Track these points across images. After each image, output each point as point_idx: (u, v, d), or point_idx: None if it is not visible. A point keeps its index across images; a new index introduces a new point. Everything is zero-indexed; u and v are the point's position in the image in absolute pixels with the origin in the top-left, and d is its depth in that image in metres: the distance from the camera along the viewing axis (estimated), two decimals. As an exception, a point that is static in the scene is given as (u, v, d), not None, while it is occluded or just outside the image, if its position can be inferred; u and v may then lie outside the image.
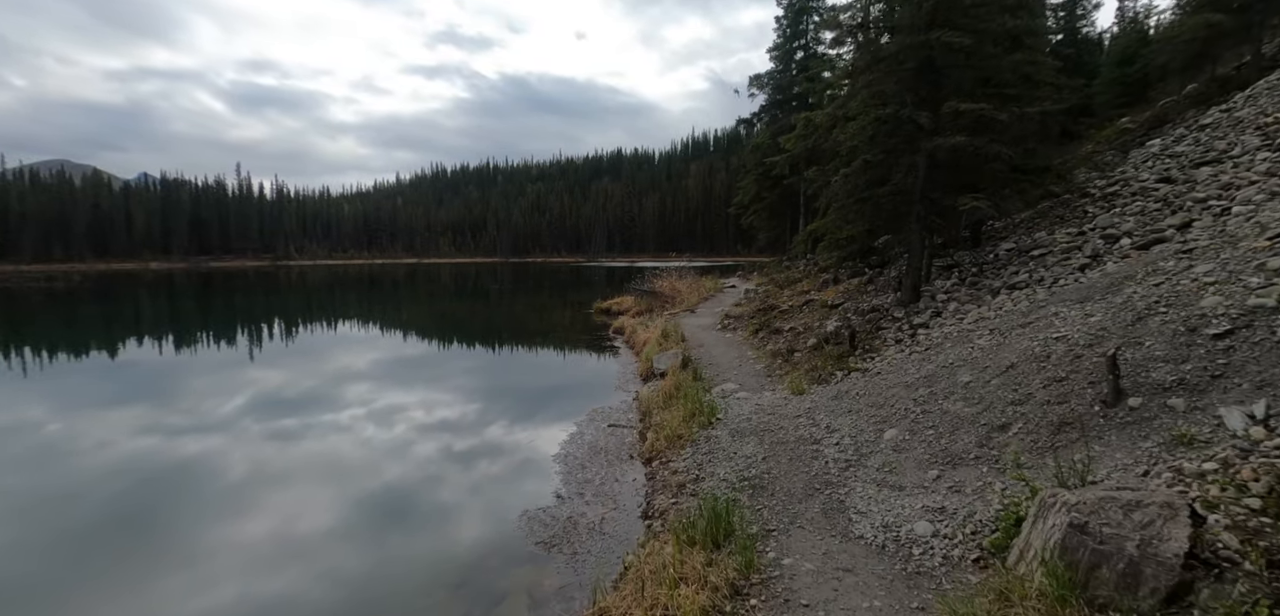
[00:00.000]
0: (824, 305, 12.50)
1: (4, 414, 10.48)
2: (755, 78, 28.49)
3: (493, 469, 7.59)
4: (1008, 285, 8.86)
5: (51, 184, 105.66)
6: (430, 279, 55.61)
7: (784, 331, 11.48)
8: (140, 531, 6.10)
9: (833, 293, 13.77)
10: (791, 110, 26.80)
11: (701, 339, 12.57)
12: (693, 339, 12.54)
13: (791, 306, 13.40)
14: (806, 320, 11.99)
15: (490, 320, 24.53)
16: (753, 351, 10.82)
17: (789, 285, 17.17)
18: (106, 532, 6.05)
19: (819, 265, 17.26)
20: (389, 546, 5.68)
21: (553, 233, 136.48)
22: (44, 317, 25.40)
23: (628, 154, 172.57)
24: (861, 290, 13.10)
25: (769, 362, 9.75)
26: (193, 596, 4.80)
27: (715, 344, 12.01)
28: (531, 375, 13.20)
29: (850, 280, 14.24)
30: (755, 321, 12.89)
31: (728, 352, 11.01)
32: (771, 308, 13.90)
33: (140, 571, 5.34)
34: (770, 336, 11.47)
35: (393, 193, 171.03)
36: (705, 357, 10.63)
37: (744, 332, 12.66)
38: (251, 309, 29.09)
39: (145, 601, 4.86)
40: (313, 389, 12.14)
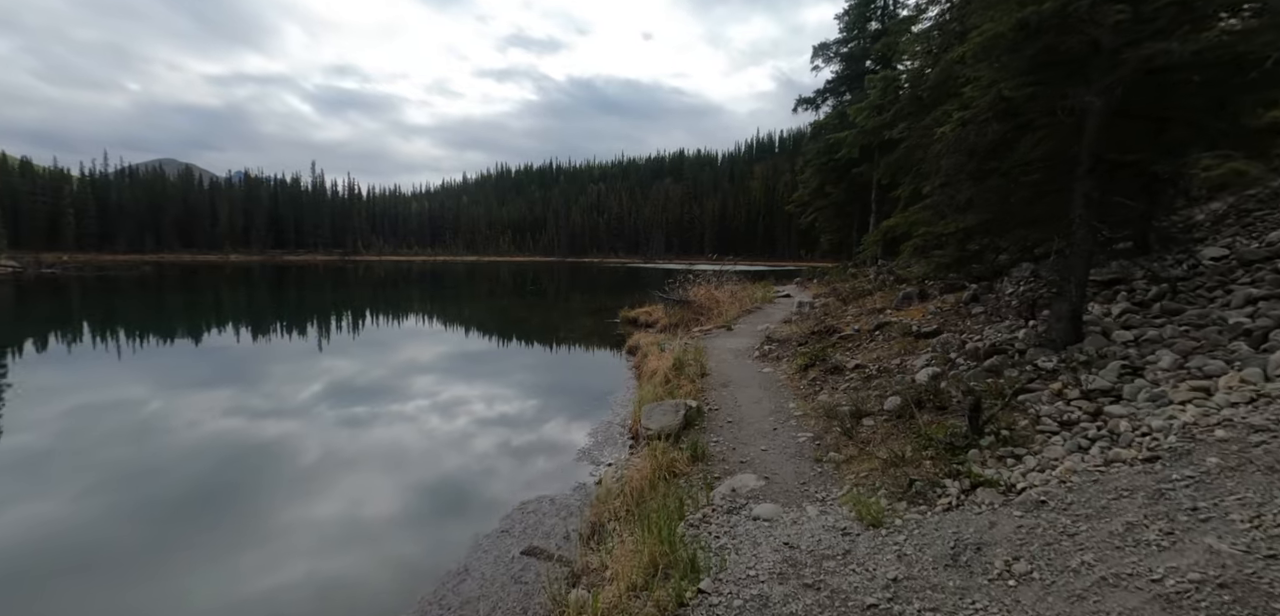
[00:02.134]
0: (907, 333, 8.72)
1: (104, 392, 11.29)
2: (821, 47, 24.37)
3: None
4: (1249, 329, 4.93)
5: (146, 180, 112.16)
6: (487, 276, 55.88)
7: (846, 371, 7.79)
8: (221, 506, 6.39)
9: (918, 313, 9.91)
10: (865, 88, 22.68)
11: (728, 374, 9.00)
12: (717, 373, 9.01)
13: (859, 331, 9.66)
14: (880, 355, 8.24)
15: (502, 326, 21.76)
16: (797, 403, 7.18)
17: (855, 299, 13.32)
18: (191, 505, 6.37)
19: (895, 274, 13.32)
20: (441, 532, 5.64)
21: (610, 233, 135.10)
22: (136, 303, 28.10)
23: (690, 155, 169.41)
24: (961, 312, 9.20)
25: (819, 429, 6.09)
26: (265, 572, 4.98)
27: (746, 383, 8.42)
28: (481, 435, 8.51)
29: (942, 296, 10.34)
30: (806, 352, 9.19)
31: (760, 402, 7.41)
32: (829, 331, 10.19)
33: (220, 544, 5.51)
34: (825, 377, 7.80)
35: (458, 191, 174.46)
36: (726, 410, 7.12)
37: (789, 367, 9.01)
38: (322, 301, 31.21)
39: (223, 571, 4.98)
40: (379, 379, 12.53)
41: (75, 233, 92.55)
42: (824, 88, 25.98)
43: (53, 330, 18.68)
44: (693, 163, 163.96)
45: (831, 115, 25.02)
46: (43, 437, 8.30)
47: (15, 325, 20.31)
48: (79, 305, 26.56)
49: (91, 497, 6.45)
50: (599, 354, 14.77)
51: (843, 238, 31.77)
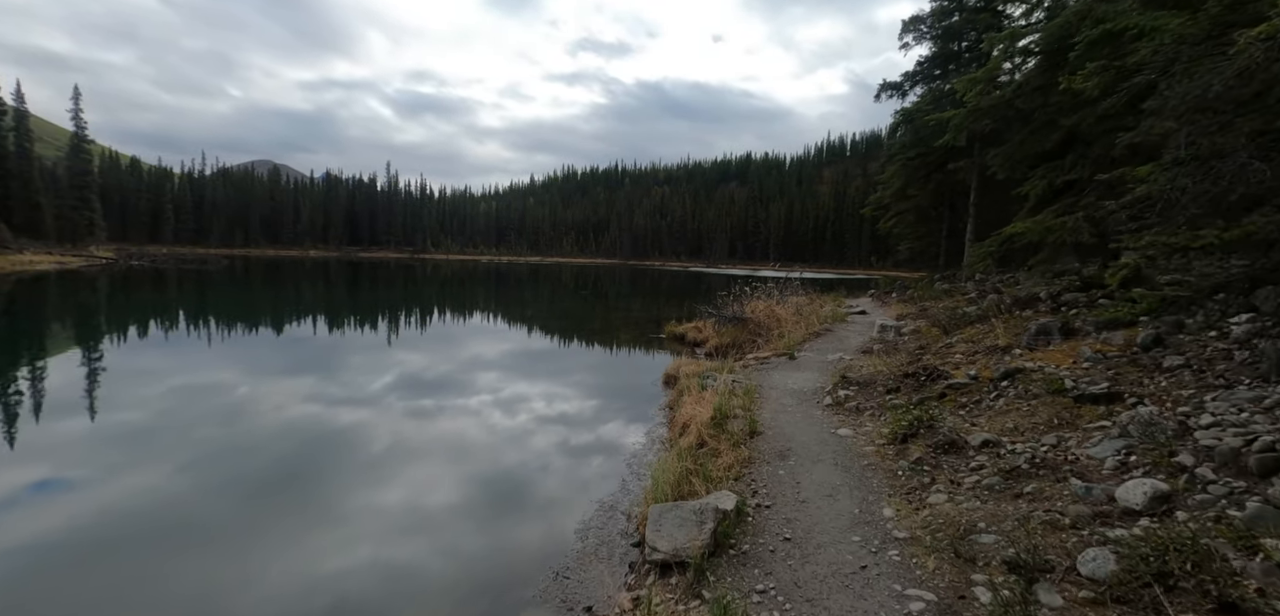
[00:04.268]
0: (1056, 390, 5.88)
1: (198, 376, 12.09)
2: (912, 22, 21.08)
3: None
4: None
5: (238, 179, 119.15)
6: (548, 277, 56.53)
7: (969, 452, 5.12)
8: (298, 487, 6.72)
9: (1065, 357, 6.99)
10: (962, 68, 19.33)
11: (789, 435, 6.43)
12: (773, 432, 6.47)
13: (977, 378, 6.86)
14: (1020, 424, 5.47)
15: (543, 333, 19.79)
16: (897, 508, 4.49)
17: (958, 326, 10.38)
18: (272, 485, 6.71)
19: (1019, 297, 10.29)
20: (499, 528, 5.73)
21: (673, 236, 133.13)
22: (226, 293, 31.19)
23: (757, 158, 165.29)
24: (1139, 361, 6.28)
25: (945, 586, 3.48)
26: (334, 554, 5.15)
27: (814, 453, 5.84)
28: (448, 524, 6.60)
29: (1100, 335, 7.37)
30: (902, 410, 6.52)
31: (837, 498, 4.81)
32: (931, 374, 7.43)
33: (296, 523, 5.81)
34: (935, 458, 5.15)
35: (525, 193, 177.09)
36: (782, 510, 4.60)
37: (875, 429, 6.37)
38: (392, 296, 32.86)
39: (298, 550, 5.28)
40: (446, 373, 13.02)
41: (174, 226, 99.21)
42: (914, 70, 22.64)
43: (146, 318, 20.54)
44: (759, 166, 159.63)
45: (925, 98, 21.66)
46: (146, 416, 9.12)
47: (116, 313, 21.97)
48: (158, 294, 28.99)
49: (187, 473, 6.98)
50: (631, 379, 12.41)
51: (925, 246, 28.28)
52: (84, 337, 16.67)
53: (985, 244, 10.78)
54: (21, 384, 11.16)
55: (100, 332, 17.55)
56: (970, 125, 12.50)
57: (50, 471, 6.83)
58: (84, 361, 13.51)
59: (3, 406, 9.54)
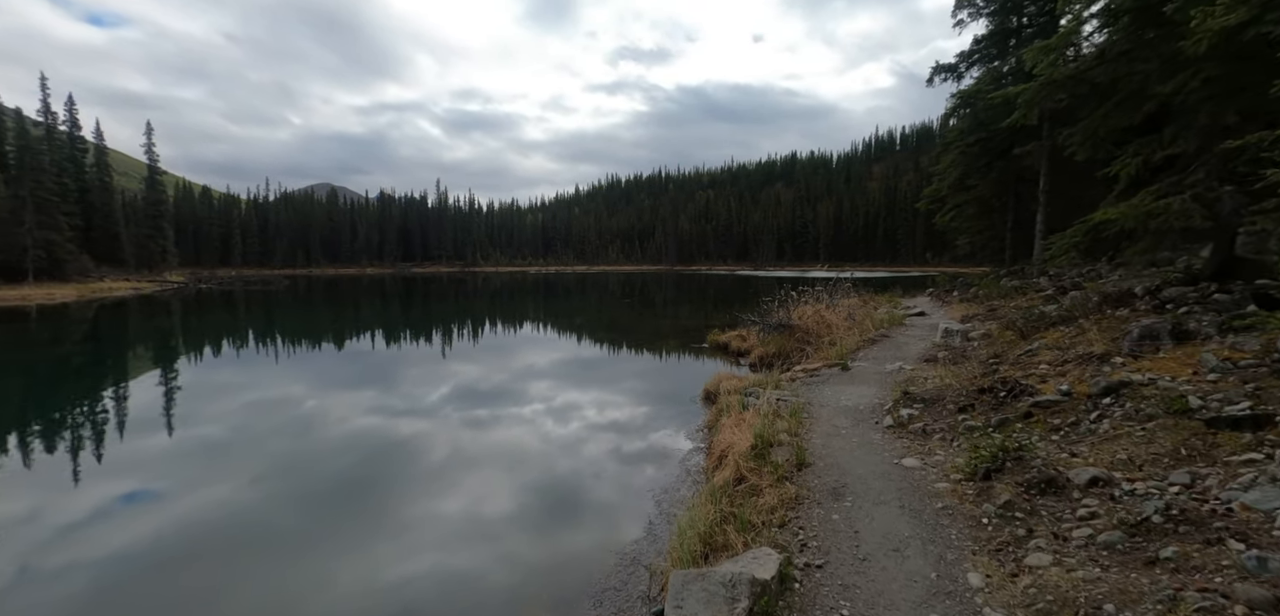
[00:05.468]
0: (1179, 409, 4.75)
1: (267, 391, 13.00)
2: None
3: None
4: None
5: (298, 202, 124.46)
6: (595, 286, 57.32)
7: (1072, 492, 4.10)
8: (361, 497, 6.95)
9: (1183, 366, 5.79)
10: (1023, 44, 17.69)
11: (843, 467, 5.48)
12: (824, 464, 5.53)
13: (1071, 393, 5.72)
14: (1135, 454, 4.35)
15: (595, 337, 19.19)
16: (984, 572, 3.50)
17: (1036, 328, 9.09)
18: (337, 495, 7.05)
19: (1108, 293, 8.96)
20: (554, 537, 5.81)
21: (719, 240, 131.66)
22: (290, 312, 33.38)
23: (802, 158, 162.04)
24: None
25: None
26: (397, 562, 5.33)
27: (874, 491, 4.86)
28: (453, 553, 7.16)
29: (1224, 339, 6.13)
30: (978, 436, 5.50)
31: (906, 555, 3.85)
32: (1010, 388, 6.31)
33: (360, 532, 5.97)
34: (1028, 500, 4.14)
35: (570, 203, 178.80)
36: (837, 571, 3.66)
37: (947, 457, 5.36)
38: (445, 310, 34.47)
39: (362, 558, 5.40)
40: (501, 383, 13.25)
41: (241, 250, 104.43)
42: (970, 49, 21.02)
43: (217, 337, 22.05)
44: (805, 165, 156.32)
45: (984, 78, 20.04)
46: (222, 431, 9.72)
47: (189, 334, 23.65)
48: (227, 315, 31.01)
49: (261, 484, 7.36)
50: (670, 395, 11.57)
51: (987, 239, 26.41)
52: (161, 358, 18.10)
53: (1068, 234, 9.44)
54: (108, 402, 12.16)
55: (175, 353, 19.11)
56: (1043, 100, 11.10)
57: (138, 484, 7.42)
58: (162, 380, 14.61)
59: (93, 423, 10.30)
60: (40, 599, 4.86)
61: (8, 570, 5.28)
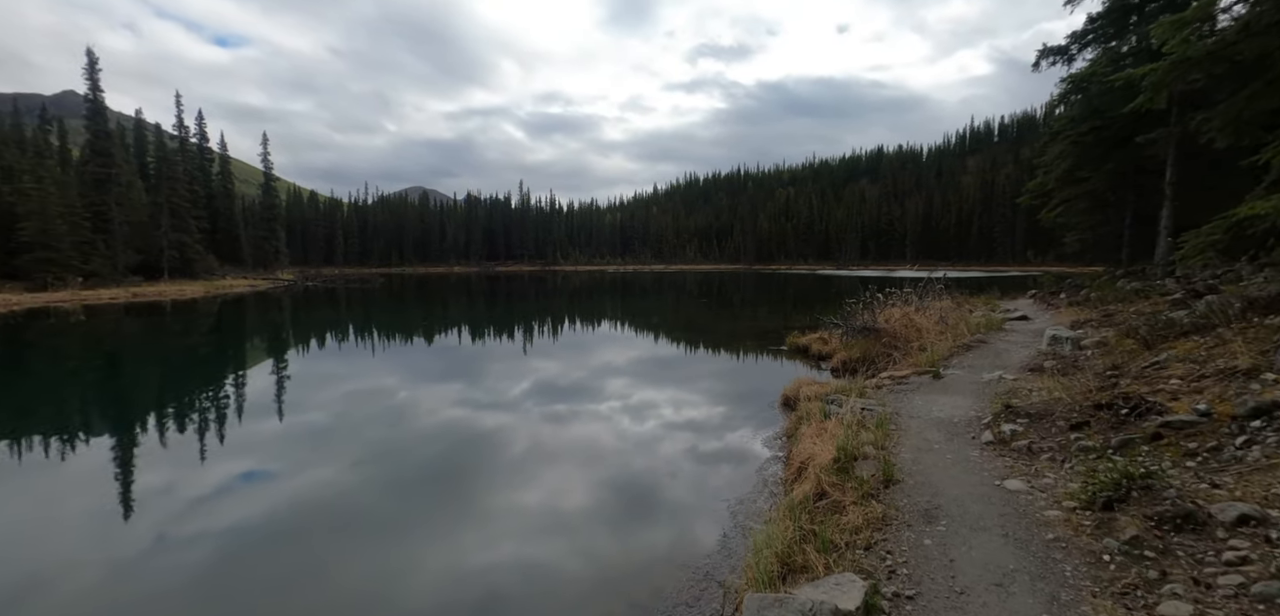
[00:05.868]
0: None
1: (365, 382, 13.96)
2: (1080, -26, 17.89)
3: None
4: None
5: (393, 205, 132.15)
6: (672, 285, 57.39)
7: (1215, 531, 3.57)
8: (449, 485, 7.41)
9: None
10: (1145, 21, 15.94)
11: (936, 486, 5.04)
12: (915, 482, 5.12)
13: (1211, 414, 5.00)
14: (1292, 483, 3.76)
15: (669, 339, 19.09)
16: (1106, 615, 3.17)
17: (1164, 337, 8.09)
18: (427, 482, 7.45)
19: (1254, 298, 7.88)
20: (628, 534, 5.92)
21: (799, 238, 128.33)
22: (385, 308, 35.47)
23: (889, 152, 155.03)
24: None
25: None
26: (481, 549, 5.60)
27: (973, 517, 4.42)
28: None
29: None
30: (1098, 461, 4.92)
31: (1009, 591, 3.45)
32: (1133, 405, 5.61)
33: (447, 519, 6.37)
34: (1161, 538, 3.64)
35: (648, 202, 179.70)
36: (929, 602, 3.38)
37: (1057, 480, 4.84)
38: (526, 307, 35.75)
39: (449, 545, 5.74)
40: (579, 380, 13.54)
41: (342, 250, 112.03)
42: (1084, 29, 19.21)
43: (322, 331, 24.05)
44: (892, 160, 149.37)
45: (1100, 60, 18.26)
46: (325, 417, 10.62)
47: (298, 327, 25.97)
48: (330, 310, 33.52)
49: (358, 468, 7.82)
50: (747, 400, 11.26)
51: (1100, 236, 24.17)
52: (274, 349, 19.83)
53: (1206, 231, 8.36)
54: (230, 388, 13.51)
55: (286, 344, 20.92)
56: (1174, 82, 9.81)
57: (255, 463, 8.08)
58: (275, 369, 15.94)
59: (217, 407, 11.55)
60: (173, 562, 5.42)
61: (148, 536, 5.96)
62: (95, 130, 48.13)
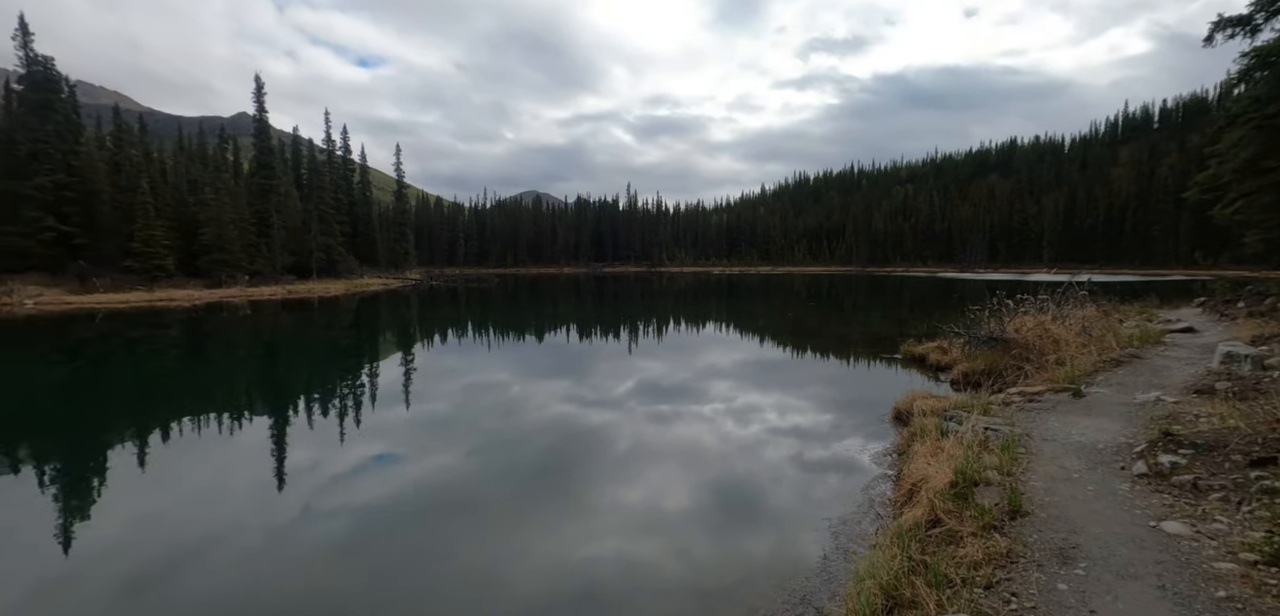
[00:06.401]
0: None
1: (482, 375, 14.81)
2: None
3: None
4: None
5: (509, 209, 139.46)
6: (779, 287, 56.73)
7: None
8: (556, 478, 7.64)
9: None
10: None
11: (1073, 523, 4.48)
12: (1048, 515, 4.57)
13: None
14: None
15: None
16: None
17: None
18: (535, 473, 7.76)
19: None
20: (729, 538, 5.88)
21: (918, 239, 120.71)
22: (500, 306, 37.76)
23: (1024, 143, 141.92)
24: None
25: None
26: (585, 542, 5.79)
27: (1116, 566, 3.82)
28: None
29: None
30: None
31: None
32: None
33: (553, 510, 6.62)
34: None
35: (756, 203, 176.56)
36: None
37: (1235, 536, 4.15)
38: (633, 308, 36.51)
39: (556, 535, 5.94)
40: (683, 381, 13.64)
41: (463, 251, 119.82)
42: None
43: (444, 327, 26.11)
44: (1027, 152, 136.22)
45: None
46: (446, 408, 11.43)
47: (424, 323, 28.05)
48: (451, 308, 36.06)
49: (475, 457, 8.45)
50: (856, 410, 10.70)
51: (1294, 235, 20.56)
52: (403, 342, 21.81)
53: None
54: (365, 377, 15.04)
55: (412, 338, 22.81)
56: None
57: (385, 447, 8.87)
58: (402, 361, 17.56)
59: (354, 394, 12.91)
60: (318, 532, 6.10)
61: (297, 507, 6.74)
62: (260, 147, 54.92)
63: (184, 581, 5.15)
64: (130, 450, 9.09)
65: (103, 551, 5.75)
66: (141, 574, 5.29)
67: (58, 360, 17.66)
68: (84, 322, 26.47)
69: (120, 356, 18.51)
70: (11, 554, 5.80)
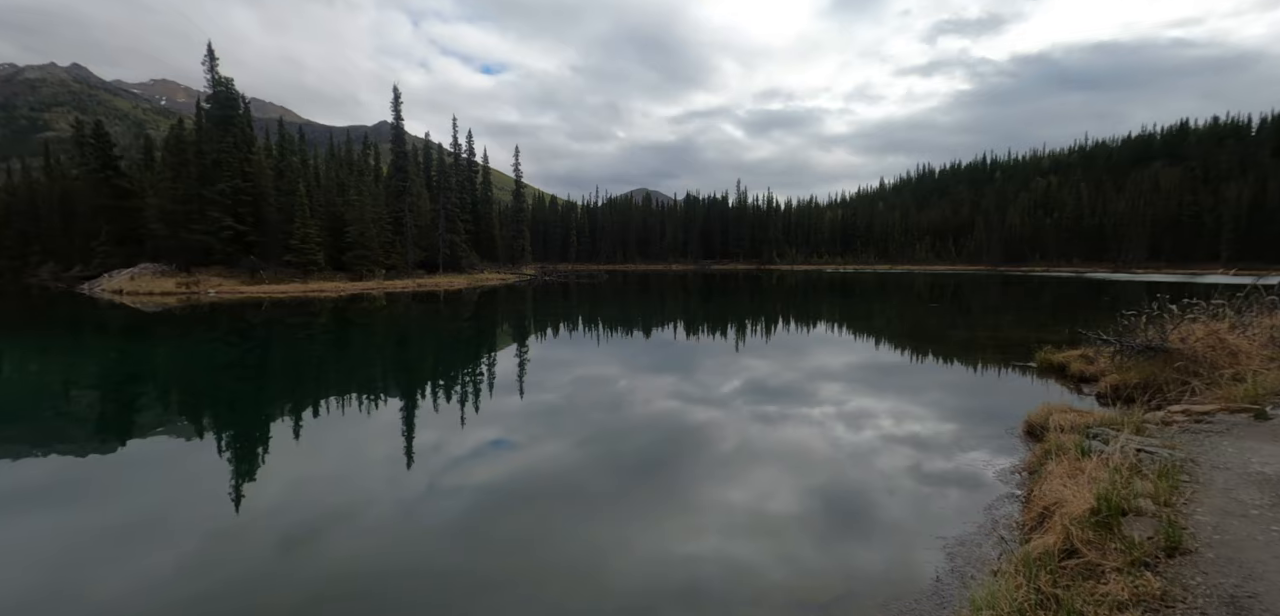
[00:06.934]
0: None
1: (591, 368, 15.44)
2: None
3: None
4: None
5: (619, 206, 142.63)
6: (897, 286, 54.52)
7: None
8: (660, 473, 7.71)
9: None
10: None
11: (1247, 568, 3.84)
12: (1216, 556, 3.97)
13: None
14: None
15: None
16: None
17: None
18: (639, 467, 7.95)
19: None
20: (835, 547, 5.69)
21: (1063, 235, 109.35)
22: (610, 302, 38.69)
23: (1198, 125, 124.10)
24: None
25: None
26: (686, 538, 5.80)
27: None
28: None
29: None
30: None
31: None
32: None
33: (656, 504, 6.69)
34: None
35: (873, 198, 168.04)
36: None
37: None
38: (740, 306, 36.04)
39: (658, 530, 6.02)
40: (790, 381, 13.33)
41: (576, 248, 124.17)
42: None
43: (557, 320, 27.12)
44: (1202, 136, 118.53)
45: None
46: (557, 398, 11.92)
47: (539, 316, 29.38)
48: (563, 302, 37.32)
49: (582, 447, 8.71)
50: (981, 419, 9.85)
51: None
52: (518, 333, 23.13)
53: None
54: (484, 366, 16.10)
55: (527, 330, 24.03)
56: None
57: (500, 432, 9.40)
58: (518, 352, 18.62)
59: (474, 381, 13.85)
60: (439, 508, 6.62)
61: (423, 484, 7.34)
62: (397, 152, 60.05)
63: (327, 542, 5.81)
64: (287, 422, 10.35)
65: (264, 509, 6.63)
66: (293, 533, 6.02)
67: (234, 342, 20.44)
68: (252, 309, 30.49)
69: (281, 340, 21.09)
70: (194, 505, 6.82)
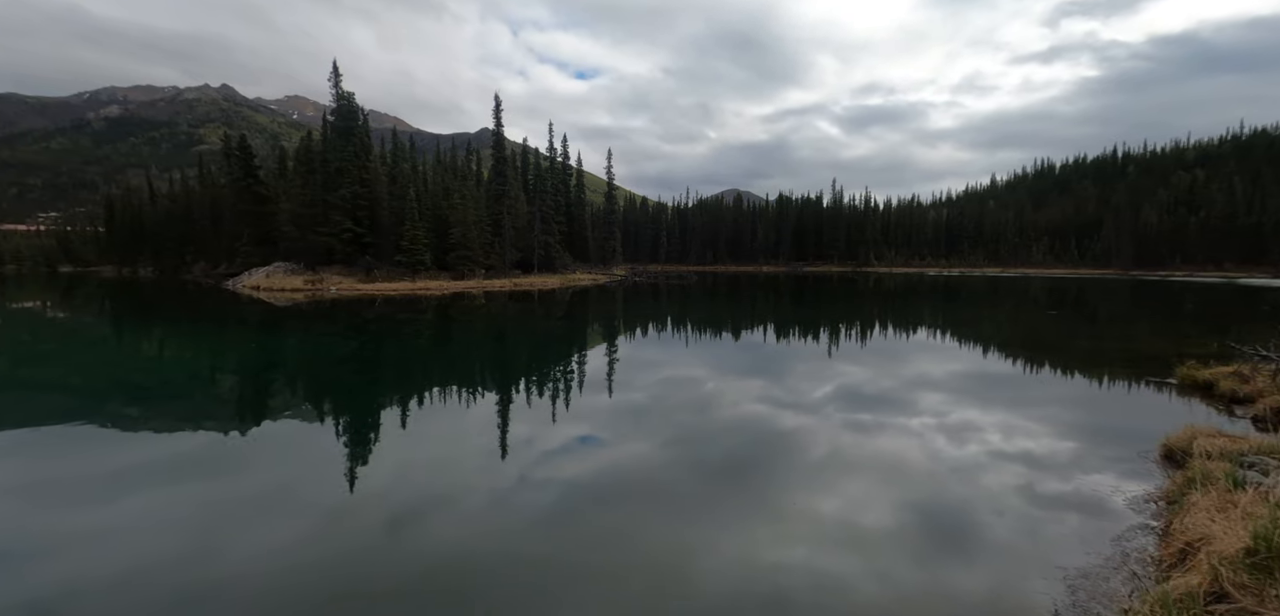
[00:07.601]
0: None
1: (679, 370, 15.33)
2: None
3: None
4: None
5: (709, 207, 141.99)
6: (1010, 291, 51.55)
7: None
8: (747, 478, 7.50)
9: None
10: None
11: None
12: None
13: None
14: None
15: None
16: None
17: None
18: (725, 470, 7.83)
19: None
20: (935, 568, 5.29)
21: (1208, 236, 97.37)
22: (700, 303, 38.79)
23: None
24: None
25: None
26: (773, 546, 5.64)
27: None
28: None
29: None
30: None
31: None
32: None
33: (741, 509, 6.55)
34: None
35: (982, 196, 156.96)
36: None
37: None
38: (835, 309, 35.19)
39: (743, 536, 5.88)
40: (887, 389, 12.82)
41: (665, 249, 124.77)
42: None
43: (646, 321, 27.49)
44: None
45: None
46: (644, 398, 12.02)
47: (628, 317, 29.52)
48: (653, 303, 38.09)
49: (669, 448, 8.73)
50: (1110, 440, 8.90)
51: None
52: (608, 333, 23.53)
53: None
54: (576, 363, 16.53)
55: (618, 330, 24.37)
56: None
57: (589, 430, 9.61)
58: (608, 351, 18.74)
59: (566, 378, 14.20)
60: (529, 500, 6.85)
61: (514, 476, 7.65)
62: (496, 157, 63.00)
63: (428, 524, 6.21)
64: (396, 411, 11.14)
65: (374, 491, 7.17)
66: (399, 514, 6.48)
67: (351, 336, 22.27)
68: (366, 306, 33.07)
69: (392, 335, 22.72)
70: (315, 484, 7.50)
